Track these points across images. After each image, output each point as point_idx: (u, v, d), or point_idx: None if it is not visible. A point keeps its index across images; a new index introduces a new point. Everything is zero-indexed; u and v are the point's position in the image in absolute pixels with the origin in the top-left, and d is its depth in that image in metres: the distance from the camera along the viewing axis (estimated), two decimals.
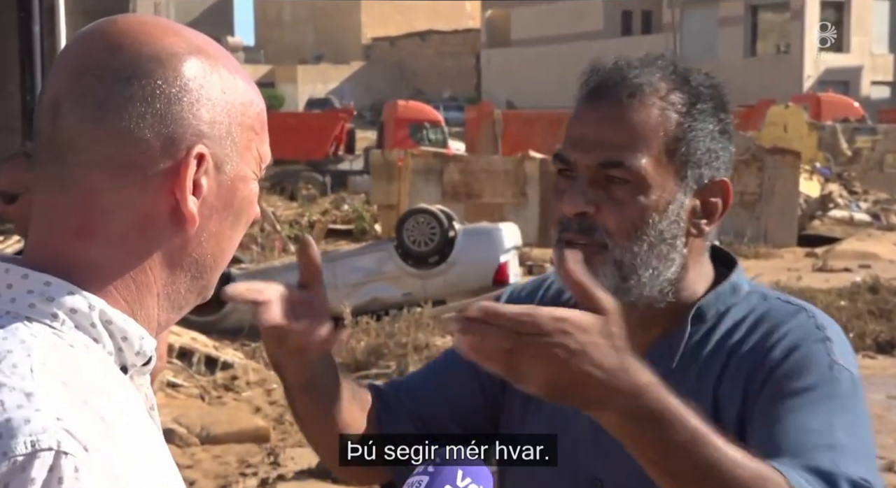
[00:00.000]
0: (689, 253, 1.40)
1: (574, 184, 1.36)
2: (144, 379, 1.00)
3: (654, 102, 1.36)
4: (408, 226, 11.23)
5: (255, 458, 6.90)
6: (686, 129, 1.37)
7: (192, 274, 1.00)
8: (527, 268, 13.96)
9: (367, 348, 9.23)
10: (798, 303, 1.42)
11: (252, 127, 1.02)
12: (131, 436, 0.91)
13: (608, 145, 1.35)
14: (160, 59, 0.95)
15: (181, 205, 0.96)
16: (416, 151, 18.43)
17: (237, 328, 10.40)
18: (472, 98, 46.47)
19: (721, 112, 1.40)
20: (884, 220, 18.91)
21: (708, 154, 1.38)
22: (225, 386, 8.40)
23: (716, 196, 1.40)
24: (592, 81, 1.39)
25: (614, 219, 1.34)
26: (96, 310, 0.94)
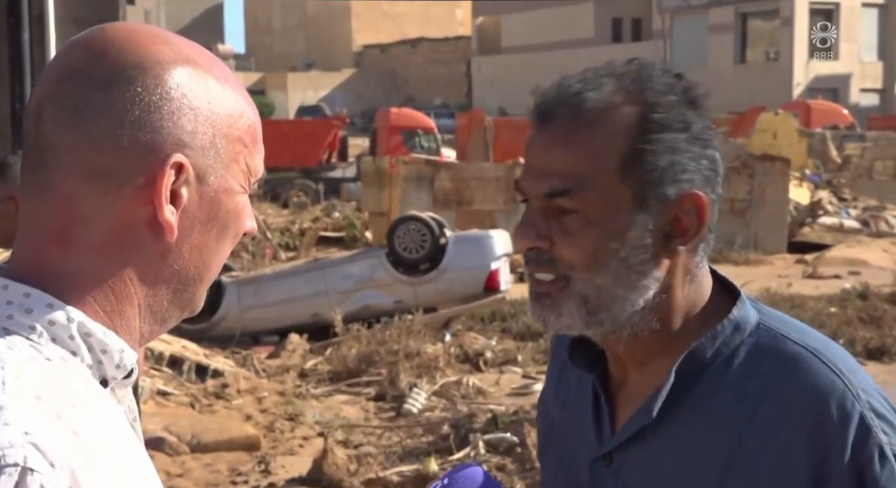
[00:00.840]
0: (671, 274, 1.27)
1: (526, 215, 1.27)
2: (126, 392, 0.99)
3: (602, 120, 1.23)
4: (399, 233, 11.23)
5: (246, 466, 6.88)
6: (641, 146, 1.22)
7: (174, 286, 0.98)
8: (517, 275, 13.98)
9: (358, 355, 9.22)
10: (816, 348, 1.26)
11: (240, 139, 1.00)
12: (109, 450, 0.89)
13: (554, 173, 1.23)
14: (143, 67, 0.94)
15: (158, 214, 0.94)
16: (407, 158, 18.43)
17: (228, 336, 10.39)
18: (463, 105, 46.50)
19: (692, 117, 1.25)
20: (873, 227, 18.96)
21: (671, 168, 1.23)
22: (215, 395, 8.39)
23: (686, 211, 1.25)
24: (540, 102, 1.27)
25: (569, 252, 1.24)
26: (75, 322, 0.93)
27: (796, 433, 1.21)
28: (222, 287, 10.80)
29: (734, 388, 1.25)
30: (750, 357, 1.26)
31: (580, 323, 1.26)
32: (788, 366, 1.25)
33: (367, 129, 34.92)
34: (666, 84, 1.26)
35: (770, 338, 1.27)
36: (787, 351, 1.26)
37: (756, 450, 1.22)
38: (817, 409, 1.21)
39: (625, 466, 1.29)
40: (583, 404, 1.36)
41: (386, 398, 8.44)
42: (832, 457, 1.20)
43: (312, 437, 7.50)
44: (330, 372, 9.20)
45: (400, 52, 57.12)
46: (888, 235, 18.48)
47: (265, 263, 13.38)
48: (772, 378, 1.24)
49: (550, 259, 1.25)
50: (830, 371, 1.24)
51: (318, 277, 11.12)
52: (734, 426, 1.24)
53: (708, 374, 1.27)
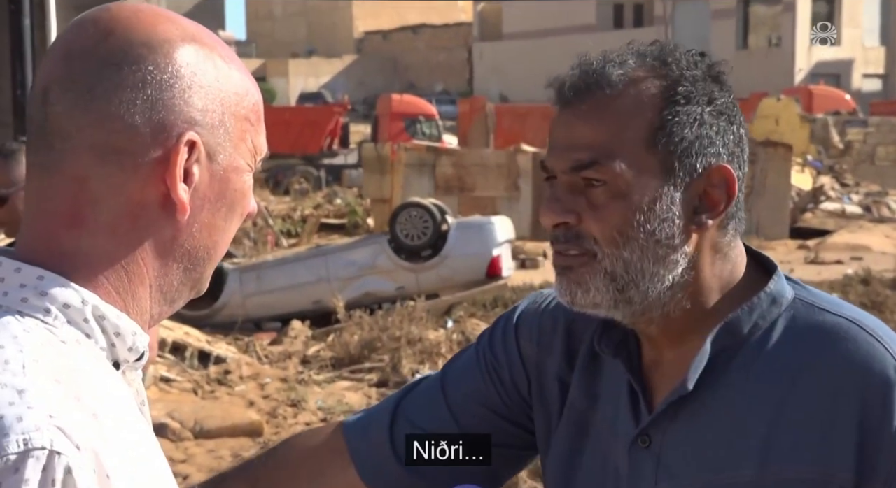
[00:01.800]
0: (700, 251, 1.25)
1: (553, 190, 1.26)
2: (136, 375, 0.99)
3: (627, 93, 1.23)
4: (401, 219, 11.22)
5: (249, 452, 6.90)
6: (667, 118, 1.22)
7: (184, 265, 0.98)
8: (520, 261, 13.97)
9: (360, 342, 9.23)
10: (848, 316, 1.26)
11: (247, 117, 1.00)
12: (123, 433, 0.90)
13: (580, 147, 1.22)
14: (152, 46, 0.94)
15: (172, 192, 0.94)
16: (408, 145, 18.43)
17: (230, 322, 10.40)
18: (465, 92, 46.44)
19: (716, 91, 1.25)
20: (875, 213, 18.96)
21: (698, 141, 1.22)
22: (218, 381, 8.40)
23: (715, 185, 1.24)
24: (564, 81, 1.26)
25: (597, 226, 1.22)
26: (89, 305, 0.93)
27: (839, 401, 1.20)
28: (224, 274, 10.81)
29: (773, 360, 1.24)
30: (788, 329, 1.26)
31: (609, 301, 1.24)
32: (827, 336, 1.24)
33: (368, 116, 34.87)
34: (689, 60, 1.26)
35: (807, 310, 1.27)
36: (825, 321, 1.25)
37: (798, 421, 1.21)
38: (859, 376, 1.21)
39: (664, 445, 1.27)
40: (616, 392, 1.34)
41: (388, 384, 8.45)
42: (879, 424, 1.19)
43: (315, 423, 7.52)
44: (332, 358, 9.22)
45: (401, 39, 57.02)
46: (890, 221, 18.48)
47: (267, 250, 13.39)
48: (811, 348, 1.24)
49: (577, 234, 1.24)
50: (870, 337, 1.23)
51: (320, 264, 11.13)
52: (774, 397, 1.23)
53: (746, 347, 1.25)
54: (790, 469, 1.21)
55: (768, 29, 42.30)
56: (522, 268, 13.79)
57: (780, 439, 1.22)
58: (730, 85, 1.28)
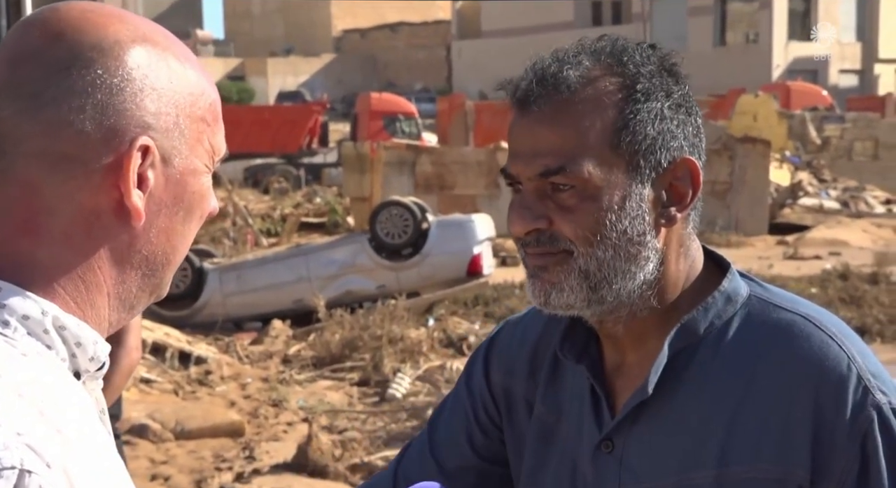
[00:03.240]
0: (668, 246, 1.26)
1: (521, 198, 1.25)
2: (96, 384, 0.97)
3: (587, 95, 1.22)
4: (381, 218, 11.21)
5: (231, 453, 6.88)
6: (628, 116, 1.22)
7: (142, 271, 0.96)
8: (500, 259, 13.98)
9: (341, 341, 9.22)
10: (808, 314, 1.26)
11: (203, 118, 0.97)
12: (87, 446, 0.88)
13: (545, 153, 1.22)
14: (102, 48, 0.91)
15: (125, 199, 0.91)
16: (388, 143, 18.40)
17: (210, 322, 10.37)
18: (444, 90, 46.44)
19: (672, 85, 1.25)
20: (853, 208, 19.06)
21: (661, 136, 1.23)
22: (199, 381, 8.38)
23: (681, 178, 1.25)
24: (518, 86, 1.26)
25: (570, 228, 1.22)
26: (49, 315, 0.90)
27: (794, 399, 1.21)
28: (204, 273, 10.78)
29: (729, 360, 1.25)
30: (743, 328, 1.26)
31: (582, 300, 1.24)
32: (782, 333, 1.24)
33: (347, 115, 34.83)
34: (642, 55, 1.25)
35: (762, 307, 1.27)
36: (780, 318, 1.25)
37: (755, 420, 1.21)
38: (814, 373, 1.21)
39: (627, 449, 1.27)
40: (579, 398, 1.34)
41: (370, 383, 8.45)
42: (833, 421, 1.19)
43: (296, 423, 7.51)
44: (313, 357, 9.20)
45: (380, 37, 56.98)
46: (868, 216, 18.59)
47: (247, 250, 13.35)
48: (766, 346, 1.24)
49: (552, 236, 1.24)
50: (824, 334, 1.23)
51: (300, 263, 11.11)
52: (732, 397, 1.23)
53: (702, 347, 1.26)
54: (749, 468, 1.21)
55: (745, 26, 42.47)
56: (503, 266, 13.80)
57: (738, 439, 1.22)
58: (684, 76, 1.28)
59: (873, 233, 17.12)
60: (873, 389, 1.20)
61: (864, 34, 41.85)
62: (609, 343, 1.31)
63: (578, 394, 1.34)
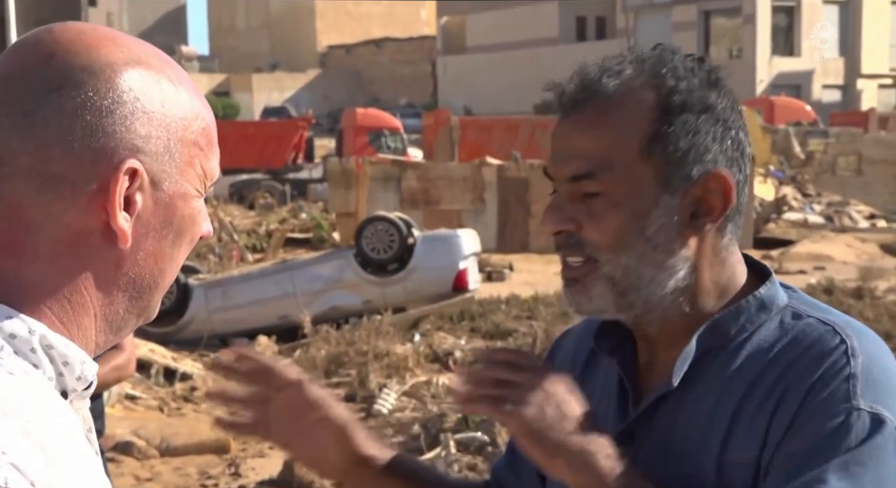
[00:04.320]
0: (699, 256, 1.29)
1: (554, 199, 1.30)
2: (83, 403, 0.96)
3: (623, 104, 1.26)
4: (366, 233, 11.21)
5: (216, 469, 6.85)
6: (661, 128, 1.25)
7: (129, 294, 0.95)
8: (486, 274, 13.98)
9: (327, 356, 9.20)
10: (835, 321, 1.27)
11: (195, 142, 0.97)
12: (72, 466, 0.87)
13: (578, 157, 1.27)
14: (93, 70, 0.91)
15: (111, 221, 0.91)
16: (373, 159, 18.43)
17: (195, 339, 10.34)
18: (429, 105, 46.51)
19: (714, 99, 1.27)
20: (837, 222, 19.15)
21: (693, 149, 1.26)
22: (184, 398, 8.34)
23: (712, 190, 1.28)
24: (564, 91, 1.30)
25: (597, 234, 1.26)
26: (36, 334, 0.90)
27: (784, 392, 1.23)
28: (189, 290, 10.75)
29: (748, 361, 1.28)
30: (772, 333, 1.28)
31: (612, 306, 1.28)
32: (800, 336, 1.27)
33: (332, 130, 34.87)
34: (686, 67, 1.28)
35: (794, 316, 1.30)
36: (805, 324, 1.28)
37: (750, 414, 1.25)
38: (809, 368, 1.23)
39: (643, 442, 1.31)
40: (608, 390, 1.38)
41: (356, 399, 8.43)
42: (804, 414, 1.21)
43: None
44: None
45: (365, 53, 57.08)
46: (852, 230, 18.67)
47: (232, 265, 13.32)
48: (783, 347, 1.27)
49: (578, 242, 1.28)
50: (837, 335, 1.25)
51: (286, 279, 11.09)
52: (737, 394, 1.26)
53: (729, 348, 1.29)
54: (741, 455, 1.24)
55: (729, 41, 42.70)
56: (489, 281, 13.81)
57: (736, 431, 1.25)
58: (729, 89, 1.31)
59: (857, 247, 17.19)
60: (855, 394, 1.20)
61: (847, 49, 42.12)
62: (643, 342, 1.35)
63: (607, 387, 1.38)
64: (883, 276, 13.66)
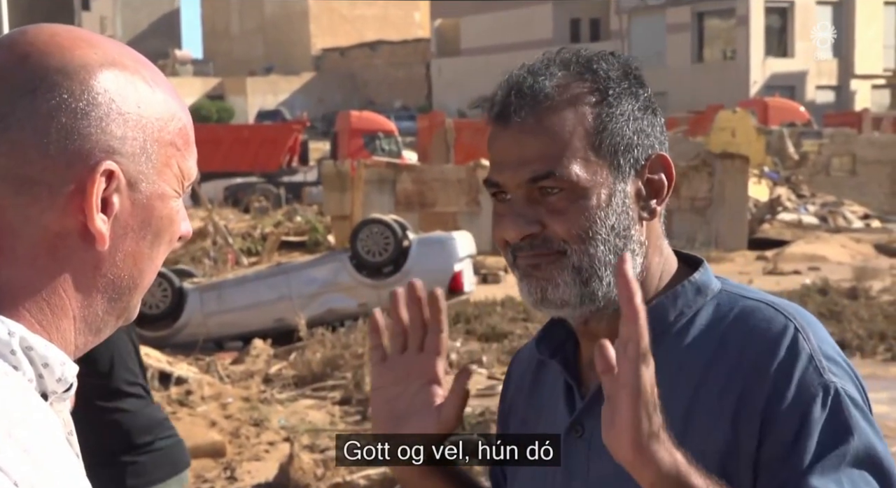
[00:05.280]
0: (648, 241, 1.34)
1: (510, 207, 1.31)
2: (64, 406, 0.96)
3: (564, 102, 1.30)
4: (362, 236, 11.21)
5: (212, 473, 6.85)
6: (605, 119, 1.30)
7: (108, 295, 0.96)
8: (481, 276, 13.98)
9: (322, 360, 9.20)
10: (771, 301, 1.33)
11: (172, 143, 0.97)
12: (56, 466, 0.87)
13: (532, 159, 1.29)
14: (67, 72, 0.91)
15: (88, 223, 0.91)
16: (368, 161, 18.42)
17: (191, 342, 10.32)
18: (424, 107, 46.54)
19: (637, 88, 1.34)
20: (831, 223, 19.17)
21: (636, 135, 1.32)
22: (179, 402, 8.33)
23: (656, 172, 1.34)
24: (496, 98, 1.33)
25: (563, 228, 1.29)
26: (16, 336, 0.89)
27: (748, 375, 1.26)
28: (184, 293, 10.74)
29: (694, 345, 1.32)
30: (710, 317, 1.33)
31: (576, 295, 1.31)
32: (744, 318, 1.31)
33: (327, 133, 34.86)
34: (608, 62, 1.34)
35: (730, 299, 1.34)
36: (745, 306, 1.33)
37: (711, 399, 1.27)
38: (767, 350, 1.27)
39: (595, 431, 1.29)
40: (555, 393, 1.41)
41: (351, 402, 8.42)
42: (781, 394, 1.24)
43: (278, 442, 7.48)
44: (294, 376, 9.17)
45: (359, 55, 57.07)
46: (846, 231, 18.69)
47: (227, 269, 13.31)
48: (728, 330, 1.31)
49: (544, 239, 1.30)
50: (784, 317, 1.30)
51: (281, 282, 11.08)
52: (693, 377, 1.29)
53: (670, 334, 1.33)
54: (704, 442, 1.25)
55: (723, 42, 42.75)
56: (484, 284, 13.81)
57: (696, 416, 1.27)
58: (645, 79, 1.36)
59: (852, 247, 17.21)
60: (823, 370, 1.26)
61: (841, 50, 42.19)
62: (588, 339, 1.36)
63: (554, 390, 1.41)
64: (877, 276, 13.68)
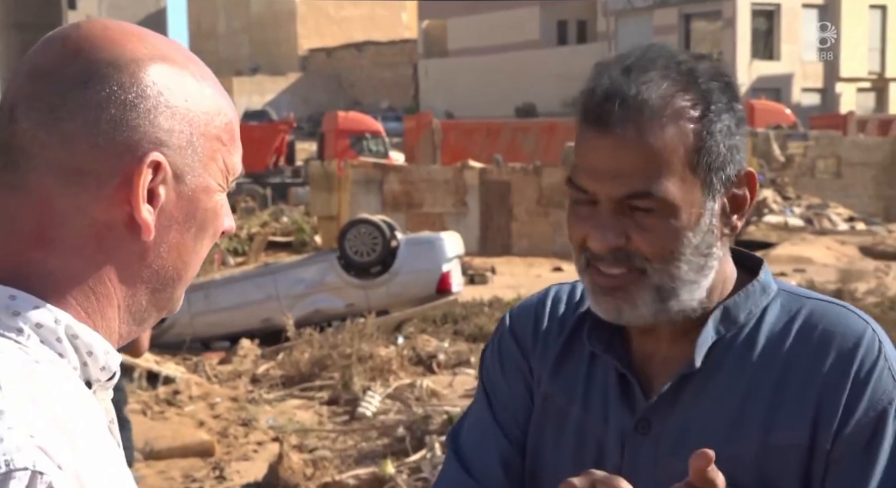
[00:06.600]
0: (723, 253, 1.33)
1: (597, 216, 1.27)
2: (106, 394, 0.98)
3: (668, 118, 1.25)
4: (350, 236, 11.21)
5: (200, 473, 6.84)
6: (704, 137, 1.26)
7: (152, 286, 0.97)
8: (468, 277, 13.99)
9: (310, 360, 9.20)
10: (840, 303, 1.34)
11: (218, 137, 0.99)
12: (97, 453, 0.89)
13: (629, 175, 1.25)
14: (118, 65, 0.93)
15: (135, 213, 0.93)
16: (355, 162, 18.43)
17: (178, 342, 10.31)
18: (411, 108, 46.50)
19: (734, 102, 1.30)
20: (817, 225, 19.26)
21: (729, 152, 1.28)
22: (167, 401, 8.32)
23: (742, 187, 1.31)
24: (595, 101, 1.27)
25: (648, 247, 1.27)
26: (62, 324, 0.92)
27: (829, 376, 1.27)
28: None
29: (769, 344, 1.31)
30: (780, 315, 1.33)
31: (651, 314, 1.30)
32: (820, 318, 1.32)
33: (314, 134, 34.80)
34: (707, 72, 1.30)
35: (794, 299, 1.35)
36: (815, 306, 1.33)
37: (794, 393, 1.28)
38: (848, 353, 1.28)
39: (665, 429, 1.32)
40: (602, 387, 1.37)
41: (339, 402, 8.43)
42: (859, 395, 1.26)
43: (266, 442, 7.48)
44: (282, 376, 9.17)
45: (346, 56, 56.99)
46: (831, 233, 18.78)
47: (214, 269, 13.29)
48: (804, 329, 1.31)
49: (627, 254, 1.28)
50: (862, 320, 1.31)
51: (268, 282, 11.07)
52: (773, 374, 1.30)
53: (743, 332, 1.32)
54: (787, 436, 1.27)
55: (709, 44, 42.85)
56: (471, 284, 13.82)
57: (778, 414, 1.28)
58: (738, 90, 1.33)
59: (837, 250, 17.29)
60: None
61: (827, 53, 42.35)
62: (643, 336, 1.36)
63: (600, 384, 1.38)
64: (862, 278, 13.76)
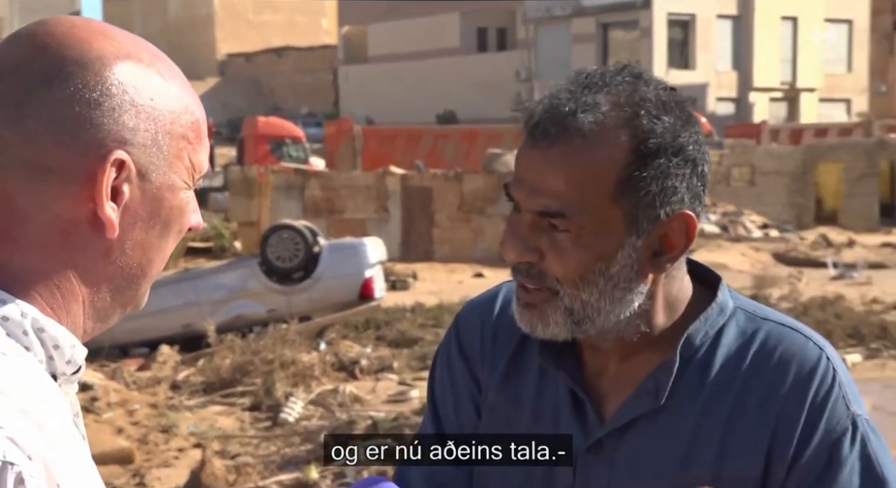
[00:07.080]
0: (655, 284, 1.29)
1: (515, 228, 1.27)
2: (71, 388, 0.99)
3: (597, 145, 1.22)
4: (271, 241, 11.14)
5: (120, 480, 6.75)
6: (633, 172, 1.22)
7: (117, 283, 0.98)
8: (390, 283, 14.00)
9: (232, 366, 9.13)
10: (794, 326, 1.33)
11: (184, 135, 0.99)
12: (65, 445, 0.90)
13: (548, 193, 1.23)
14: (83, 63, 0.94)
15: (98, 211, 0.94)
16: (276, 167, 18.32)
17: (96, 348, 10.14)
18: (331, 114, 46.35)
19: (684, 139, 1.24)
20: (732, 232, 19.64)
21: (662, 193, 1.23)
22: (85, 408, 8.18)
23: (676, 229, 1.26)
24: (536, 113, 1.25)
25: (559, 269, 1.25)
26: (28, 317, 0.92)
27: (784, 400, 1.27)
28: None
29: (725, 369, 1.30)
30: (736, 337, 1.31)
31: (567, 331, 1.28)
32: (776, 344, 1.30)
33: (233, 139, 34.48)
34: (660, 103, 1.25)
35: (750, 320, 1.33)
36: (771, 330, 1.32)
37: (749, 421, 1.28)
38: (803, 381, 1.28)
39: (619, 452, 1.31)
40: (553, 402, 1.36)
41: (261, 408, 8.37)
42: (814, 423, 1.26)
43: (188, 449, 7.40)
44: (203, 383, 9.08)
45: (265, 61, 56.62)
46: (746, 240, 19.16)
47: None
48: (759, 355, 1.30)
49: (539, 272, 1.26)
50: (816, 346, 1.30)
51: (188, 287, 10.95)
52: (727, 401, 1.29)
53: (699, 356, 1.31)
54: (741, 467, 1.27)
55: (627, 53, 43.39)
56: (393, 290, 13.83)
57: (734, 440, 1.28)
58: (697, 121, 1.28)
59: (751, 256, 17.65)
60: (850, 402, 1.28)
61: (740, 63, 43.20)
62: (593, 351, 1.35)
63: (551, 398, 1.36)
64: (776, 284, 14.06)
